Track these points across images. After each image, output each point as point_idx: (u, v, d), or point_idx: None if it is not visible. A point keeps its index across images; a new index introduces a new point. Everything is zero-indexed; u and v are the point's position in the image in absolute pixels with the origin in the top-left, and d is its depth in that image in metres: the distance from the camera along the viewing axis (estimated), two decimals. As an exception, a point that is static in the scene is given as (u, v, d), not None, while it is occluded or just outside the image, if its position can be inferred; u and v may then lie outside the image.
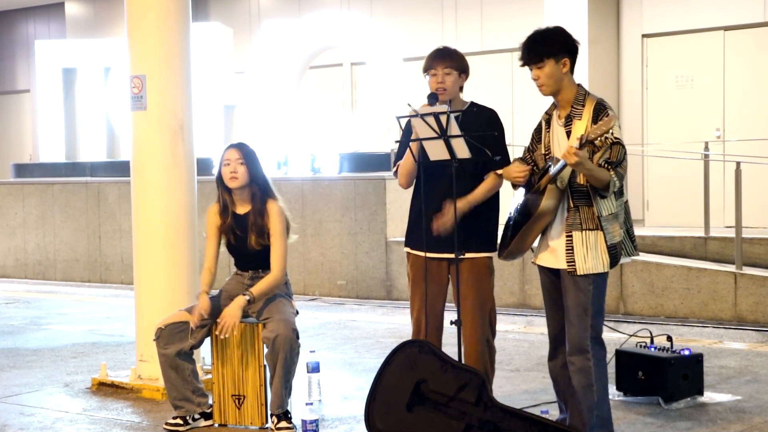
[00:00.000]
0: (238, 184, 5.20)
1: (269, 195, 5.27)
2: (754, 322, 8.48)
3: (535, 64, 4.43)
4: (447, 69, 4.94)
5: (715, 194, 10.50)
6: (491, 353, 4.99)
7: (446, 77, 4.94)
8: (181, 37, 6.18)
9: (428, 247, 4.92)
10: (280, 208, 5.24)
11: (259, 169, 5.27)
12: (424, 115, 4.64)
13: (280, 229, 5.19)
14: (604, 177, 4.25)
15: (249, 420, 5.23)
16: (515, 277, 9.64)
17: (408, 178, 5.03)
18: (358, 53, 13.13)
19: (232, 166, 5.19)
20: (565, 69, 4.43)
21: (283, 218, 5.22)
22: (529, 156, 4.63)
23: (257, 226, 5.19)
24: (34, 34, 18.80)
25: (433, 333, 5.01)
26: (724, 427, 5.16)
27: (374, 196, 10.44)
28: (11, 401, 6.05)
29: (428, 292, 4.96)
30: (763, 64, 11.57)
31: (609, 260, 4.37)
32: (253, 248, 5.21)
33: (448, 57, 4.97)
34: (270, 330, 4.99)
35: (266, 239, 5.19)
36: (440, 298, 5.04)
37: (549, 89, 4.46)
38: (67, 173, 13.55)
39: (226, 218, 5.26)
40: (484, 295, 4.95)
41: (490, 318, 4.98)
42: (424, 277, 4.90)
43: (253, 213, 5.21)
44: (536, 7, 12.50)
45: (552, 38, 4.44)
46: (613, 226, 4.37)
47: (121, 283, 12.24)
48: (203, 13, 16.14)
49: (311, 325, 8.69)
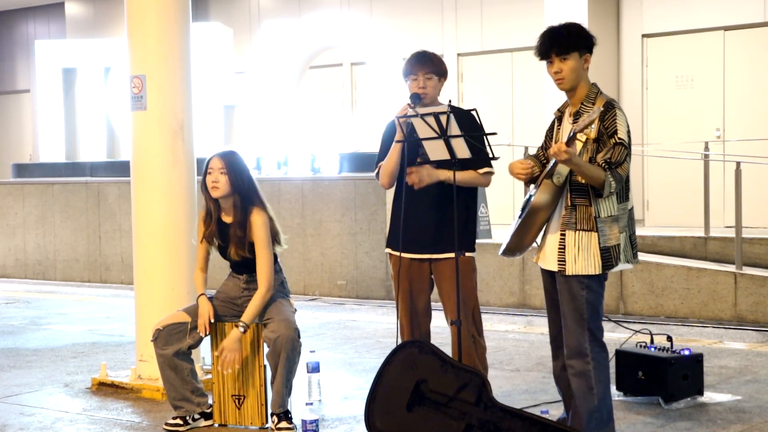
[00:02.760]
0: (219, 194, 5.13)
1: (253, 204, 5.16)
2: (754, 322, 8.48)
3: (560, 55, 4.34)
4: (428, 74, 5.02)
5: (715, 194, 10.50)
6: (478, 350, 5.03)
7: (427, 82, 5.02)
8: (181, 37, 6.18)
9: (410, 249, 5.03)
10: (265, 218, 5.13)
11: (242, 179, 5.14)
12: (424, 115, 4.64)
13: (264, 241, 5.10)
14: (597, 175, 4.19)
15: (249, 420, 5.23)
16: (515, 277, 9.64)
17: (390, 178, 5.11)
18: (358, 53, 13.14)
19: (214, 176, 5.13)
20: (586, 65, 4.38)
21: (266, 229, 5.11)
22: (543, 153, 4.61)
23: (237, 237, 5.13)
24: (34, 34, 18.80)
25: (416, 334, 5.09)
26: (724, 427, 5.16)
27: (374, 196, 10.44)
28: (11, 401, 6.05)
29: (409, 292, 5.07)
30: (763, 64, 11.58)
31: (602, 263, 4.31)
32: (234, 259, 5.21)
33: (429, 62, 5.04)
34: (271, 330, 4.99)
35: (246, 251, 5.13)
36: (422, 299, 5.12)
37: (568, 84, 4.38)
38: (67, 173, 13.55)
39: (210, 226, 5.24)
40: (467, 293, 5.00)
41: (473, 315, 5.03)
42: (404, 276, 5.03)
43: (234, 224, 5.16)
44: (536, 7, 12.50)
45: (577, 32, 4.38)
46: (611, 229, 4.30)
47: (121, 283, 12.24)
48: (203, 13, 16.15)
49: (311, 325, 8.69)
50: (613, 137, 4.25)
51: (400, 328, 5.09)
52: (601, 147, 4.28)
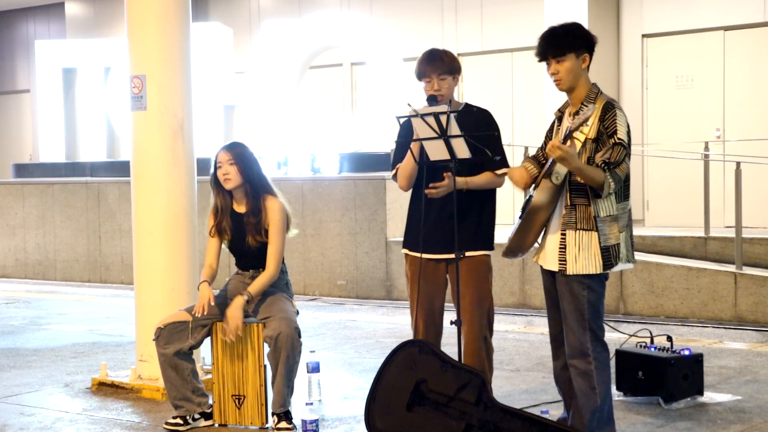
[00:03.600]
0: (232, 185, 5.22)
1: (266, 191, 5.27)
2: (754, 322, 8.48)
3: (555, 57, 4.34)
4: (442, 75, 4.92)
5: (715, 194, 10.50)
6: (488, 351, 5.01)
7: (441, 83, 4.92)
8: (181, 37, 6.18)
9: (426, 249, 4.97)
10: (281, 203, 5.26)
11: (251, 168, 5.25)
12: (424, 115, 4.63)
13: (279, 226, 5.20)
14: (596, 176, 4.19)
15: (249, 420, 5.23)
16: (515, 277, 9.64)
17: (408, 180, 5.01)
18: (358, 53, 13.14)
19: (224, 168, 5.21)
20: (584, 65, 4.37)
21: (282, 214, 5.23)
22: (542, 154, 4.59)
23: (251, 224, 5.21)
24: (34, 34, 18.80)
25: (432, 333, 5.05)
26: (724, 427, 5.16)
27: (374, 196, 10.44)
28: (11, 401, 6.05)
29: (426, 292, 5.00)
30: (763, 64, 11.58)
31: (602, 262, 4.31)
32: (252, 246, 5.23)
33: (440, 62, 4.92)
34: (272, 329, 5.00)
35: (264, 236, 5.21)
36: (438, 298, 5.07)
37: (566, 84, 4.38)
38: (67, 173, 13.55)
39: (221, 218, 5.29)
40: (483, 293, 4.98)
41: (488, 316, 5.00)
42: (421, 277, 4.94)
43: (248, 212, 5.24)
44: (536, 7, 12.50)
45: (574, 33, 4.37)
46: (611, 228, 4.31)
47: (121, 283, 12.24)
48: (203, 13, 16.15)
49: (311, 325, 8.69)
50: (612, 137, 4.25)
51: (417, 330, 5.03)
52: (600, 147, 4.27)
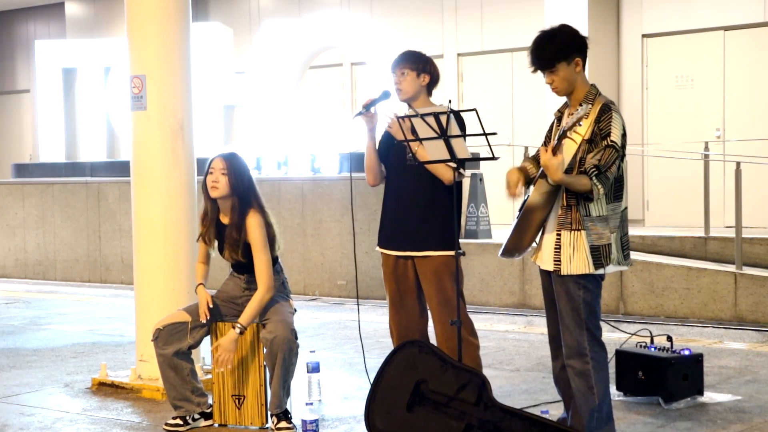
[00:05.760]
0: (217, 194, 5.13)
1: (251, 207, 5.13)
2: (754, 322, 8.48)
3: (547, 69, 4.34)
4: (403, 70, 5.07)
5: (715, 194, 10.50)
6: (469, 349, 5.01)
7: (400, 77, 5.07)
8: (181, 37, 6.18)
9: (393, 245, 5.13)
10: (260, 219, 5.10)
11: (242, 182, 5.12)
12: (424, 115, 4.65)
13: (261, 243, 5.06)
14: (581, 185, 4.20)
15: (249, 420, 5.23)
16: (515, 277, 9.64)
17: (372, 173, 5.18)
18: (358, 53, 13.13)
19: (215, 176, 5.13)
20: (578, 69, 4.35)
21: (261, 230, 5.07)
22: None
23: (231, 239, 5.12)
24: (34, 34, 18.80)
25: (408, 334, 5.11)
26: (724, 427, 5.16)
27: (374, 196, 10.43)
28: (11, 401, 6.05)
29: (398, 290, 5.17)
30: (763, 64, 11.58)
31: (593, 262, 4.29)
32: (228, 260, 5.21)
33: (405, 59, 5.09)
34: (268, 331, 4.99)
35: (240, 255, 5.12)
36: (410, 297, 5.16)
37: (563, 91, 4.39)
38: (67, 173, 13.55)
39: (207, 225, 5.25)
40: (447, 294, 5.01)
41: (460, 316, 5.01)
42: (391, 276, 5.17)
43: (230, 226, 5.16)
44: (536, 7, 12.50)
45: (560, 40, 4.33)
46: (598, 228, 4.30)
47: (121, 283, 12.24)
48: (203, 13, 16.15)
49: (311, 325, 8.69)
50: (605, 139, 4.25)
51: (390, 330, 5.19)
52: (592, 147, 4.28)
